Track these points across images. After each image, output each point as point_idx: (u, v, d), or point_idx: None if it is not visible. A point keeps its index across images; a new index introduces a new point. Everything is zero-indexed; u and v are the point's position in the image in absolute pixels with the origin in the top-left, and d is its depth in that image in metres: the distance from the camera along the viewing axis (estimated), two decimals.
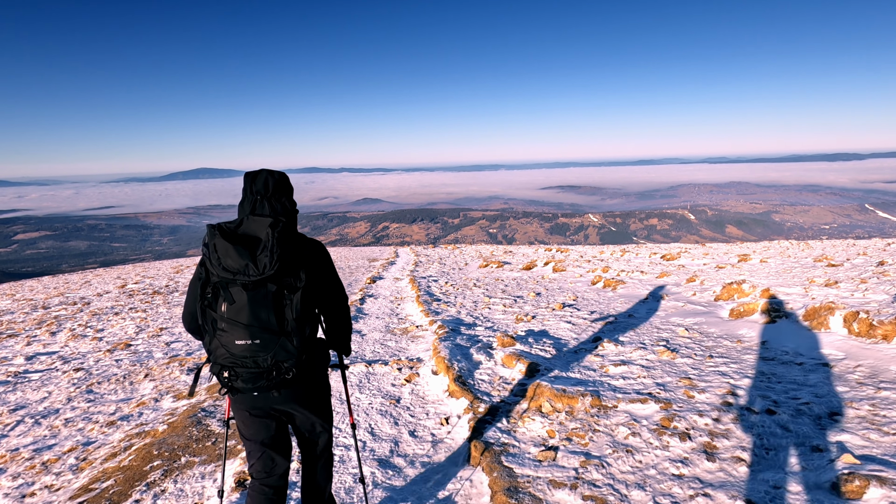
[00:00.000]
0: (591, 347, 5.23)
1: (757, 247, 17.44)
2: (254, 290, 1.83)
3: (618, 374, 4.20)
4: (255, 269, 1.81)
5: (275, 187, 2.02)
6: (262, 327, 1.83)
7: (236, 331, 1.83)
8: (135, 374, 6.20)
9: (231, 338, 1.84)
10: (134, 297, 14.15)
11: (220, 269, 1.83)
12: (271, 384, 1.89)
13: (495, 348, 5.19)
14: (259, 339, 1.83)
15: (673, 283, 9.44)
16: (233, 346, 1.84)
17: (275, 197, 2.02)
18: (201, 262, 1.95)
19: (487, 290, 11.36)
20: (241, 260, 1.80)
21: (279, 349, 1.86)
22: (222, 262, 1.82)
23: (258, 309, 1.83)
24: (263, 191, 2.01)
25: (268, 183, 2.01)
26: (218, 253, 1.83)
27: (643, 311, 7.34)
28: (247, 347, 1.83)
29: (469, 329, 6.72)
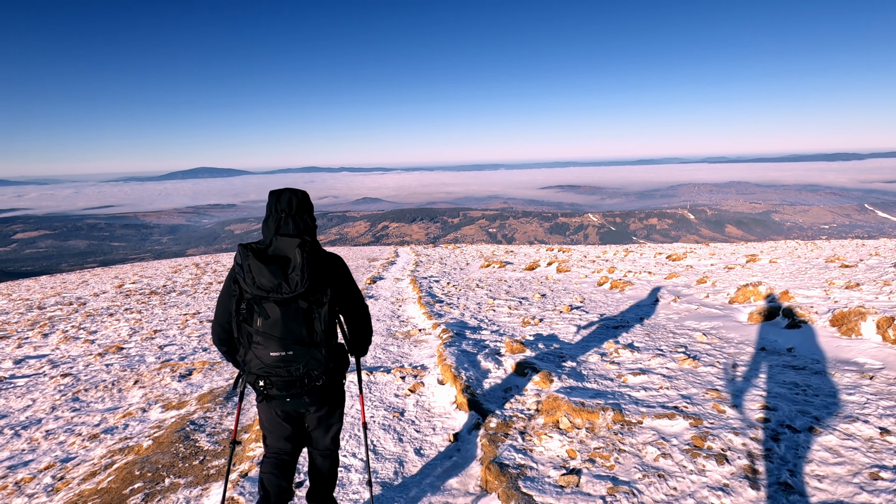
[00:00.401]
0: (605, 354, 4.94)
1: (763, 247, 17.16)
2: (286, 306, 1.98)
3: (638, 385, 3.91)
4: (287, 287, 1.96)
5: (298, 206, 2.14)
6: (295, 340, 2.00)
7: (271, 343, 1.98)
8: (124, 380, 5.90)
9: (266, 350, 1.99)
10: (130, 297, 13.89)
11: (255, 288, 1.97)
12: (303, 391, 2.08)
13: (504, 355, 4.89)
14: (292, 350, 1.99)
15: (683, 284, 9.15)
16: (267, 357, 2.00)
17: (298, 214, 2.14)
18: (232, 279, 2.08)
19: (491, 290, 11.07)
20: (274, 279, 1.95)
21: (310, 359, 2.03)
22: (256, 281, 1.97)
23: (291, 323, 1.98)
24: (288, 209, 2.13)
25: (291, 202, 2.13)
26: (252, 273, 1.97)
27: (655, 313, 7.05)
28: (280, 358, 1.99)
29: (474, 333, 6.43)
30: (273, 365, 2.00)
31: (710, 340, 5.15)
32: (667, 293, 8.36)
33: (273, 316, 1.98)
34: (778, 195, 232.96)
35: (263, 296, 1.97)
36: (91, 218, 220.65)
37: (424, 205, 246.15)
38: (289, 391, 2.06)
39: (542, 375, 4.02)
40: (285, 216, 2.13)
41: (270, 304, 1.98)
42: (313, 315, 2.03)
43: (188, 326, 9.59)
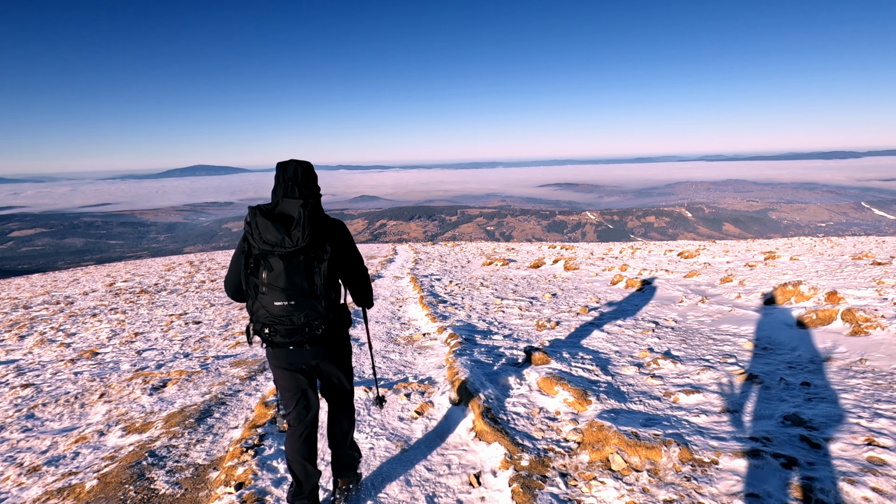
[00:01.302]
0: (641, 365, 4.25)
1: (777, 243, 16.51)
2: (289, 260, 2.15)
3: (694, 407, 3.22)
4: (289, 241, 2.12)
5: (303, 174, 2.32)
6: (297, 291, 2.15)
7: (275, 294, 2.15)
8: (89, 392, 5.19)
9: (270, 300, 2.15)
10: (120, 296, 13.26)
11: (261, 243, 2.13)
12: (304, 339, 2.22)
13: (522, 364, 4.20)
14: (294, 300, 2.15)
15: (706, 283, 8.47)
16: (272, 307, 2.16)
17: (303, 182, 2.30)
18: (244, 238, 2.24)
19: (497, 290, 10.38)
20: (278, 234, 2.12)
21: (310, 310, 2.18)
22: (262, 236, 2.13)
23: (293, 275, 2.15)
24: (294, 177, 2.29)
25: (297, 171, 2.31)
26: (259, 229, 2.14)
27: (683, 316, 6.36)
28: (283, 308, 2.15)
29: (485, 338, 5.73)
30: (277, 314, 2.16)
31: (760, 349, 4.47)
32: (691, 293, 7.67)
33: (277, 269, 2.15)
34: (775, 193, 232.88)
35: (269, 250, 2.14)
36: (88, 216, 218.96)
37: (422, 203, 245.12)
38: (291, 338, 2.21)
39: (577, 394, 3.33)
40: (291, 184, 2.29)
41: (275, 258, 2.15)
42: (314, 269, 2.19)
43: (172, 329, 8.89)
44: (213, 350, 7.05)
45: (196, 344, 7.56)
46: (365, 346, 5.61)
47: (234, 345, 7.18)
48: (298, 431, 2.44)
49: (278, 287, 2.14)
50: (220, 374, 5.36)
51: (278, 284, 2.14)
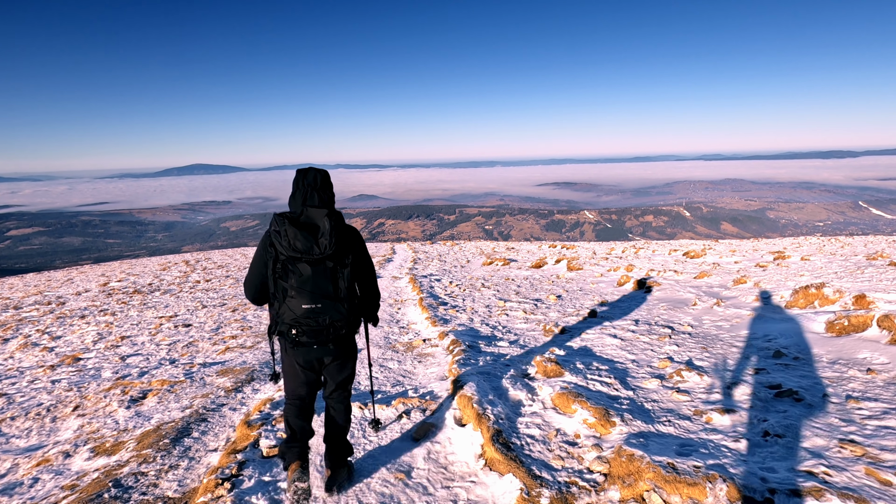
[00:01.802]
0: (663, 377, 3.88)
1: (784, 243, 16.18)
2: (316, 266, 2.35)
3: (730, 430, 2.84)
4: (318, 249, 2.31)
5: (321, 181, 2.46)
6: (323, 294, 2.36)
7: (303, 297, 2.33)
8: (64, 404, 4.80)
9: (298, 303, 2.34)
10: (112, 296, 12.91)
11: (290, 250, 2.30)
12: (328, 339, 2.42)
13: (536, 378, 3.83)
14: (320, 303, 2.35)
15: (718, 284, 8.10)
16: (299, 309, 2.34)
17: (322, 189, 2.44)
18: (268, 243, 2.38)
19: (499, 291, 10.01)
20: (306, 242, 2.30)
21: (334, 311, 2.39)
22: (292, 244, 2.30)
23: (320, 280, 2.35)
24: (313, 183, 2.43)
25: (316, 178, 2.45)
26: (289, 237, 2.30)
27: (699, 320, 5.99)
28: (310, 310, 2.34)
29: (490, 345, 5.36)
30: (303, 316, 2.32)
31: (792, 359, 4.10)
32: (704, 295, 7.31)
33: (305, 274, 2.30)
34: (773, 192, 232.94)
35: (297, 257, 2.28)
36: (85, 215, 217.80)
37: (421, 202, 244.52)
38: (316, 339, 2.37)
39: (598, 413, 2.95)
40: (311, 190, 2.40)
41: (303, 264, 2.30)
42: (338, 274, 2.37)
43: (161, 332, 8.51)
44: (200, 356, 6.67)
45: (184, 349, 7.18)
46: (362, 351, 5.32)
47: (224, 350, 6.80)
48: (297, 405, 2.65)
49: (306, 291, 2.32)
50: (204, 384, 4.97)
51: (306, 288, 2.32)
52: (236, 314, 9.57)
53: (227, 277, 15.45)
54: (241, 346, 6.93)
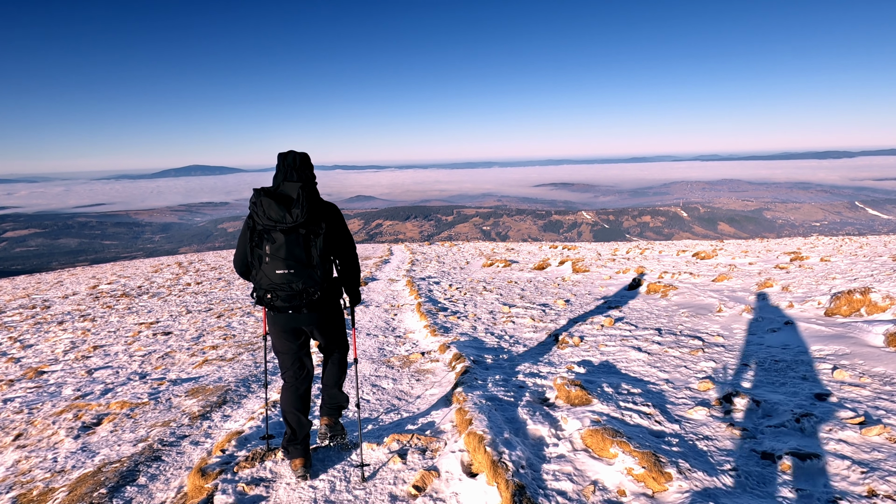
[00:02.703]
0: (709, 403, 3.25)
1: (796, 243, 15.58)
2: (289, 234, 2.46)
3: (840, 484, 2.21)
4: (290, 218, 2.44)
5: (300, 162, 2.62)
6: (296, 260, 2.47)
7: (277, 263, 2.46)
8: (6, 431, 4.15)
9: (272, 268, 2.47)
10: (99, 299, 12.30)
11: (265, 219, 2.45)
12: (301, 304, 2.52)
13: (558, 406, 3.20)
14: (293, 269, 2.47)
15: (740, 288, 7.49)
16: (273, 275, 2.47)
17: (300, 169, 2.61)
18: (249, 216, 2.56)
19: (502, 295, 9.38)
20: (280, 211, 2.44)
21: (307, 278, 2.49)
22: (266, 213, 2.44)
23: (292, 247, 2.47)
24: (293, 164, 2.60)
25: (296, 159, 2.61)
26: (263, 207, 2.45)
27: (729, 329, 5.37)
28: (284, 276, 2.46)
29: (497, 359, 4.72)
30: (278, 281, 2.46)
31: (857, 379, 3.47)
32: (728, 300, 6.68)
33: (278, 241, 2.45)
34: (770, 193, 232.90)
35: (271, 226, 2.44)
36: (82, 216, 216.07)
37: (418, 203, 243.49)
38: (290, 303, 2.49)
39: (646, 461, 2.31)
40: (290, 169, 2.59)
41: (277, 233, 2.45)
42: (311, 243, 2.50)
43: (138, 340, 7.85)
44: (175, 370, 6.01)
45: (158, 361, 6.53)
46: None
47: (201, 363, 6.15)
48: (293, 388, 2.76)
49: (280, 257, 2.44)
50: (169, 406, 4.32)
51: (280, 255, 2.44)
52: (221, 321, 8.91)
53: (219, 280, 14.78)
54: (220, 359, 6.28)
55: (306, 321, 2.65)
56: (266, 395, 3.25)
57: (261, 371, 5.49)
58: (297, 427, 2.75)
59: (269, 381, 3.73)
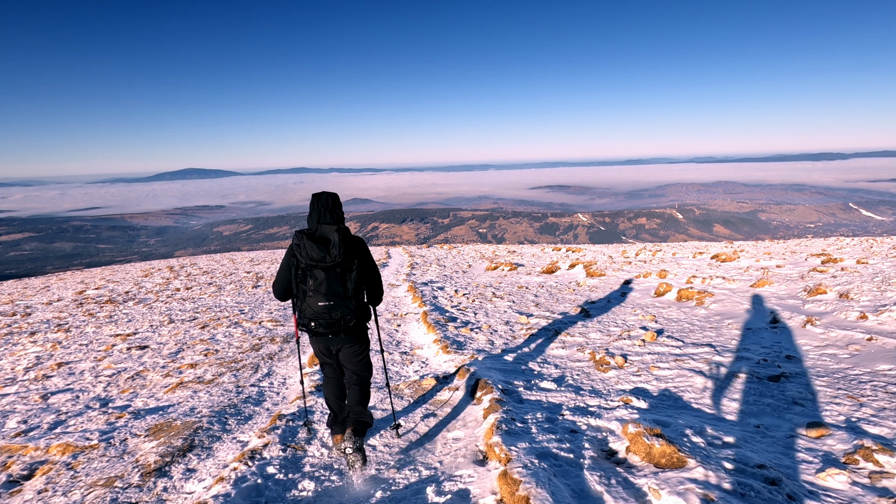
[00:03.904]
0: (839, 461, 2.41)
1: (819, 244, 14.79)
2: (328, 272, 2.86)
3: None
4: (329, 258, 2.83)
5: (332, 203, 3.03)
6: (334, 294, 2.87)
7: (319, 297, 2.86)
8: None
9: (315, 301, 2.86)
10: (83, 306, 11.51)
11: (308, 259, 2.84)
12: (339, 330, 2.94)
13: (635, 466, 2.35)
14: (332, 301, 2.87)
15: (787, 295, 6.67)
16: (316, 306, 2.87)
17: (333, 209, 3.01)
18: (291, 254, 2.96)
19: (514, 302, 8.54)
20: (320, 252, 2.83)
21: (344, 307, 2.90)
22: (309, 254, 2.83)
23: (332, 283, 2.87)
24: (326, 204, 3.00)
25: (328, 200, 3.02)
26: (306, 249, 2.83)
27: (793, 345, 4.53)
28: (325, 307, 2.86)
29: (531, 386, 3.86)
30: (320, 311, 2.86)
31: None
32: (783, 310, 5.85)
33: (319, 278, 2.85)
34: (764, 194, 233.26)
35: (313, 264, 2.82)
36: (77, 220, 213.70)
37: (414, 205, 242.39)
38: (331, 329, 2.91)
39: None
40: (324, 210, 2.97)
41: (318, 270, 2.85)
42: (346, 278, 2.90)
43: (109, 356, 6.95)
44: (143, 394, 5.13)
45: (126, 382, 5.64)
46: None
47: (175, 386, 5.26)
48: (333, 381, 3.25)
49: (321, 292, 2.84)
50: (122, 452, 3.44)
51: (321, 290, 2.85)
52: (205, 332, 8.01)
53: (210, 285, 13.88)
54: (197, 380, 5.39)
55: (341, 342, 3.06)
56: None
57: (241, 398, 4.61)
58: (338, 411, 3.25)
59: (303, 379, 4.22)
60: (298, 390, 4.69)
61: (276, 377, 5.38)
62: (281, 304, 10.02)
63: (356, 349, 3.12)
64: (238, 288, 12.92)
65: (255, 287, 12.91)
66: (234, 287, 13.16)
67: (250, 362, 6.00)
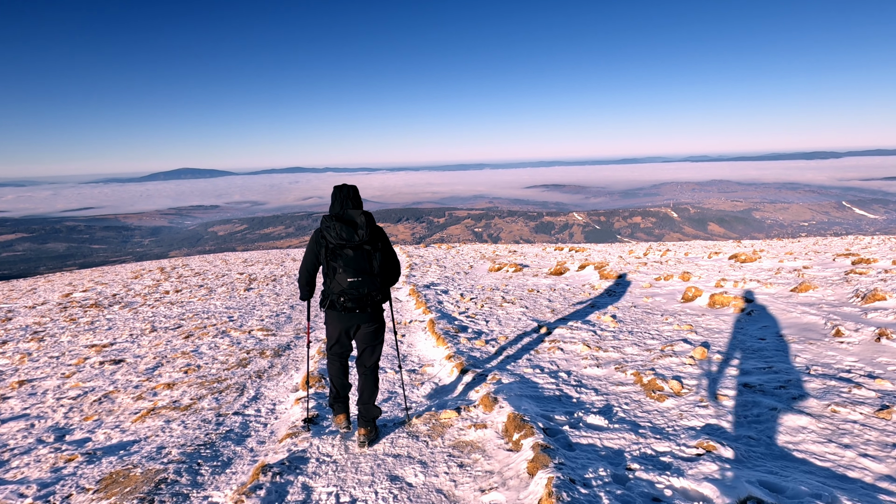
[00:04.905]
0: None
1: (839, 243, 14.16)
2: (356, 251, 3.12)
3: None
4: (357, 238, 3.10)
5: (353, 193, 3.28)
6: (362, 271, 3.12)
7: (348, 273, 3.08)
8: None
9: (344, 277, 3.08)
10: (67, 310, 10.71)
11: (337, 238, 3.07)
12: (366, 305, 3.18)
13: None
14: (360, 277, 3.11)
15: (838, 301, 5.97)
16: (344, 282, 3.08)
17: (353, 198, 3.26)
18: (319, 235, 3.19)
19: (527, 308, 7.82)
20: (350, 233, 3.08)
21: (370, 284, 3.15)
22: (339, 234, 3.06)
23: (360, 260, 3.12)
24: (348, 194, 3.25)
25: (349, 191, 3.27)
26: (336, 229, 3.07)
27: (886, 369, 3.82)
28: (353, 283, 3.09)
29: (576, 422, 3.14)
30: (348, 288, 3.08)
31: None
32: (843, 320, 5.14)
33: (348, 256, 3.09)
34: (758, 193, 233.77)
35: (343, 244, 3.07)
36: (70, 220, 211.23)
37: (410, 205, 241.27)
38: (358, 304, 3.13)
39: None
40: (346, 199, 3.22)
41: (347, 249, 3.09)
42: (372, 256, 3.16)
43: (79, 372, 6.21)
44: (108, 424, 4.38)
45: (91, 408, 4.88)
46: None
47: (145, 414, 4.49)
48: (337, 360, 3.40)
49: (350, 268, 3.07)
50: None
51: (350, 266, 3.07)
52: (189, 343, 7.24)
53: (201, 287, 13.10)
54: (172, 406, 4.63)
55: (365, 319, 3.24)
56: None
57: (221, 433, 3.84)
58: (340, 388, 3.40)
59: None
60: (289, 421, 3.94)
61: (263, 402, 4.62)
62: (273, 311, 9.26)
63: (375, 328, 3.35)
64: (229, 291, 12.16)
65: (247, 290, 12.14)
66: (225, 290, 12.39)
67: (235, 382, 5.24)
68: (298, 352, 6.38)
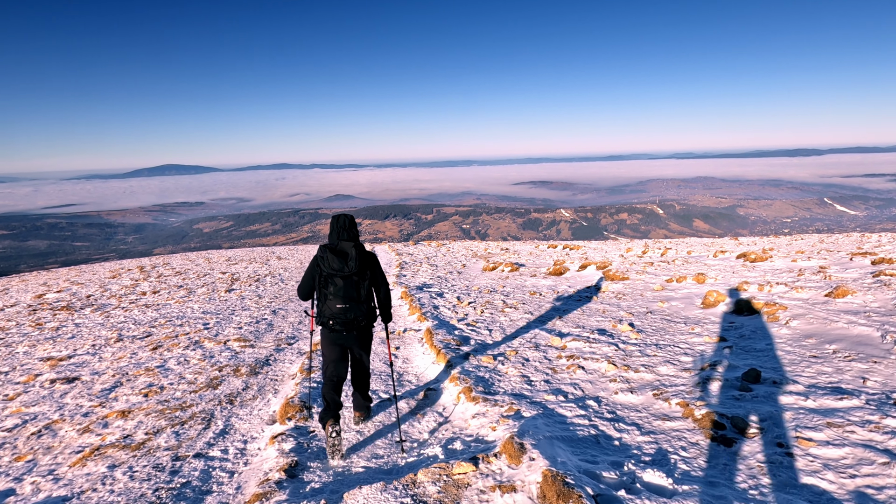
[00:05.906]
0: None
1: (851, 241, 13.68)
2: (346, 280, 3.39)
3: None
4: (347, 269, 3.36)
5: (349, 223, 3.55)
6: (350, 298, 3.39)
7: (337, 300, 3.36)
8: None
9: (334, 303, 3.37)
10: (36, 313, 10.01)
11: (329, 268, 3.36)
12: (353, 328, 3.44)
13: None
14: (348, 304, 3.38)
15: (885, 309, 5.35)
16: (334, 308, 3.37)
17: (349, 228, 3.53)
18: (316, 263, 3.46)
19: (531, 312, 7.16)
20: (340, 264, 3.36)
21: (357, 310, 3.41)
22: (331, 264, 3.35)
23: (348, 289, 3.39)
24: (344, 225, 3.52)
25: (345, 221, 3.55)
26: (328, 260, 3.36)
27: None
28: (341, 309, 3.37)
29: (633, 486, 2.44)
30: (337, 313, 3.36)
31: None
32: None
33: (339, 285, 3.37)
34: (742, 190, 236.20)
35: (334, 273, 3.35)
36: (51, 217, 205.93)
37: (397, 201, 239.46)
38: (345, 328, 3.40)
39: None
40: (342, 230, 3.50)
41: (337, 278, 3.37)
42: (360, 285, 3.43)
43: (25, 393, 5.46)
44: (42, 466, 3.61)
45: (27, 443, 4.09)
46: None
47: (89, 454, 3.71)
48: (332, 382, 3.51)
49: (339, 296, 3.35)
50: None
51: (339, 294, 3.35)
52: (155, 356, 6.42)
53: (180, 288, 12.23)
54: (122, 443, 3.84)
55: (352, 340, 3.52)
56: None
57: (173, 489, 3.07)
58: (332, 404, 3.47)
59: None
60: (261, 470, 3.18)
61: (233, 437, 3.84)
62: (253, 316, 8.46)
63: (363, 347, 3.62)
64: (210, 292, 11.32)
65: (228, 291, 11.31)
66: (205, 291, 11.55)
67: (202, 409, 4.45)
68: (278, 368, 5.61)
